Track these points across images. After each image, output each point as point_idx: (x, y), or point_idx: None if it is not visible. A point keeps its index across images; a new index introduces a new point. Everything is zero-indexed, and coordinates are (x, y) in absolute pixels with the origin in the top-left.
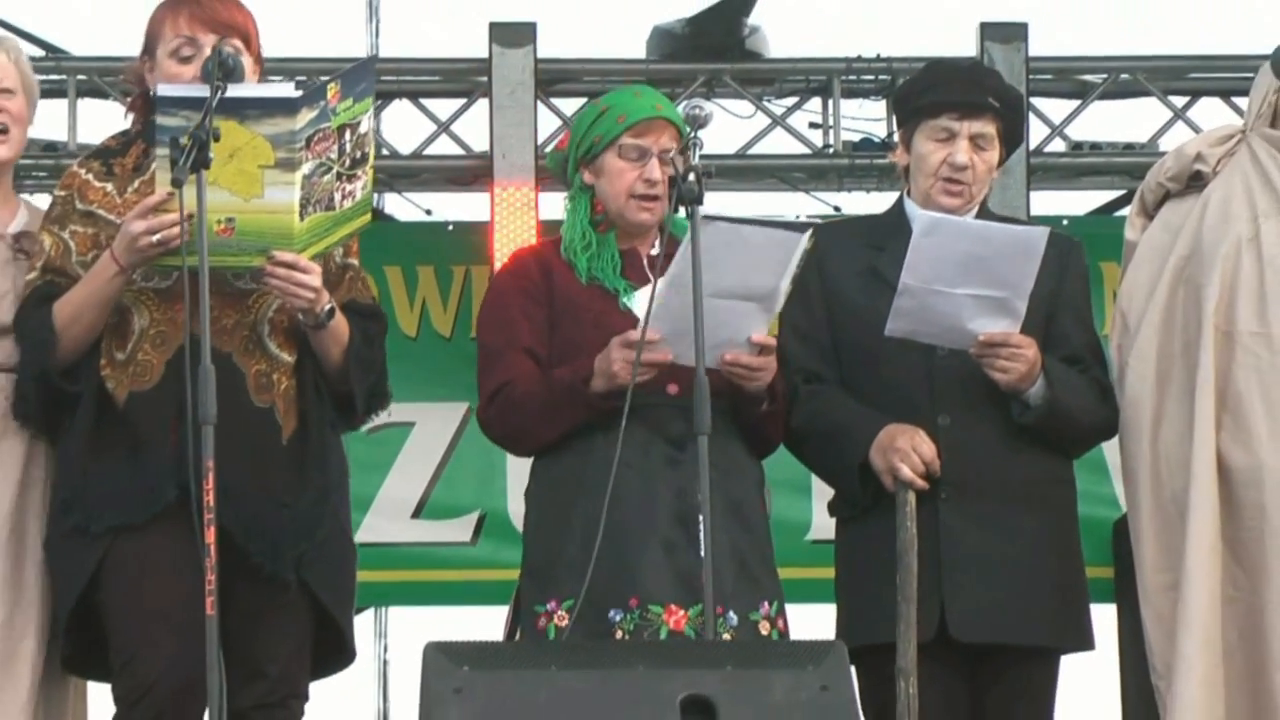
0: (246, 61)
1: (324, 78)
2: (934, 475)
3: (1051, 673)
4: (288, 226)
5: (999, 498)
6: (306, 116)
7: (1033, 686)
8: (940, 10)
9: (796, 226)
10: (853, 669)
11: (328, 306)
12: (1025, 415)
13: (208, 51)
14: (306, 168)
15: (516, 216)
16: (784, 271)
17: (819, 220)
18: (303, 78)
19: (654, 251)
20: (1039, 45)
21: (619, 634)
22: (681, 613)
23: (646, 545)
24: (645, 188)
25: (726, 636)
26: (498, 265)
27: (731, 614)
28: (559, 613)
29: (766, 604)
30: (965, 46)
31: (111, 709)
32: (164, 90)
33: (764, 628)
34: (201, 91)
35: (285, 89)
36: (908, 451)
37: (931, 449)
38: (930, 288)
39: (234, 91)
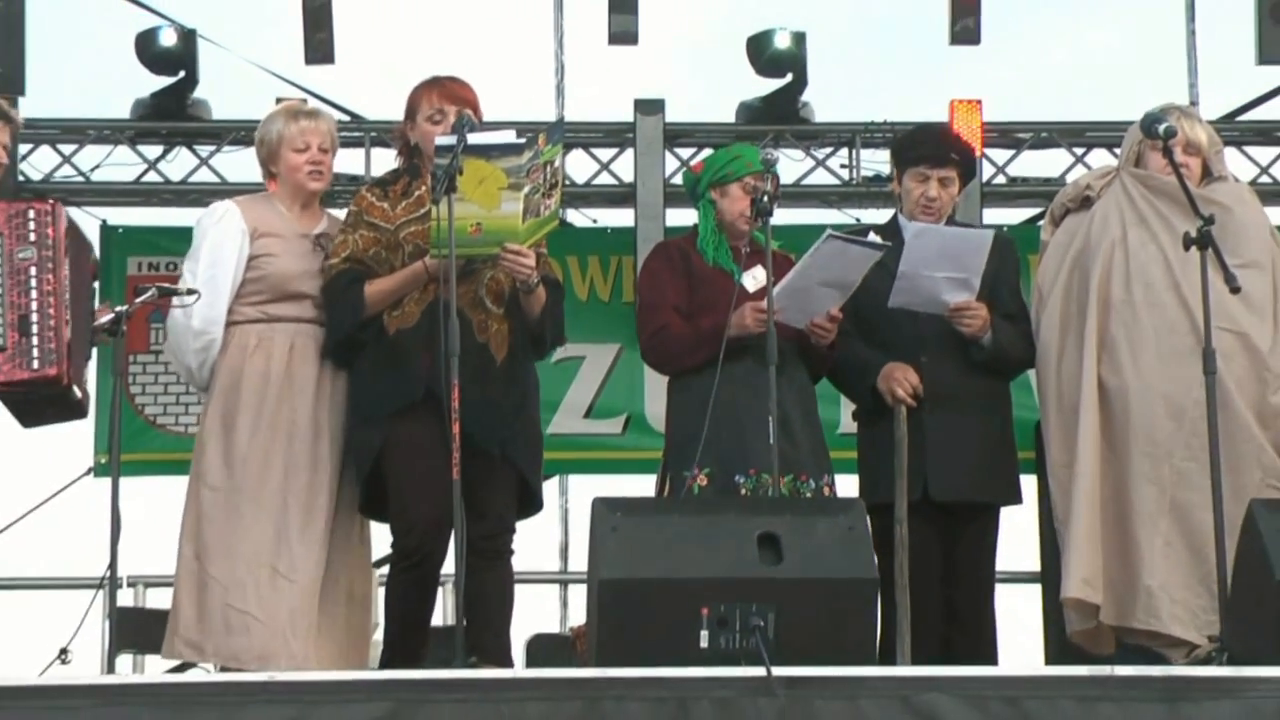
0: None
1: (532, 131)
2: (919, 395)
3: (996, 520)
4: (515, 228)
5: (960, 407)
6: (527, 155)
7: (983, 530)
8: (924, 92)
9: (875, 246)
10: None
11: (536, 279)
12: (980, 354)
13: (450, 117)
14: (527, 189)
15: (650, 225)
16: (861, 271)
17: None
18: (521, 132)
19: (745, 250)
20: (990, 114)
21: (743, 491)
22: (781, 479)
23: (758, 433)
24: (751, 210)
25: (809, 494)
26: (639, 256)
27: (811, 481)
28: (700, 477)
29: (827, 475)
30: (940, 114)
31: (388, 538)
32: (439, 140)
33: (825, 491)
34: (447, 141)
35: (510, 135)
36: (901, 379)
37: (916, 378)
38: (919, 272)
39: (483, 140)
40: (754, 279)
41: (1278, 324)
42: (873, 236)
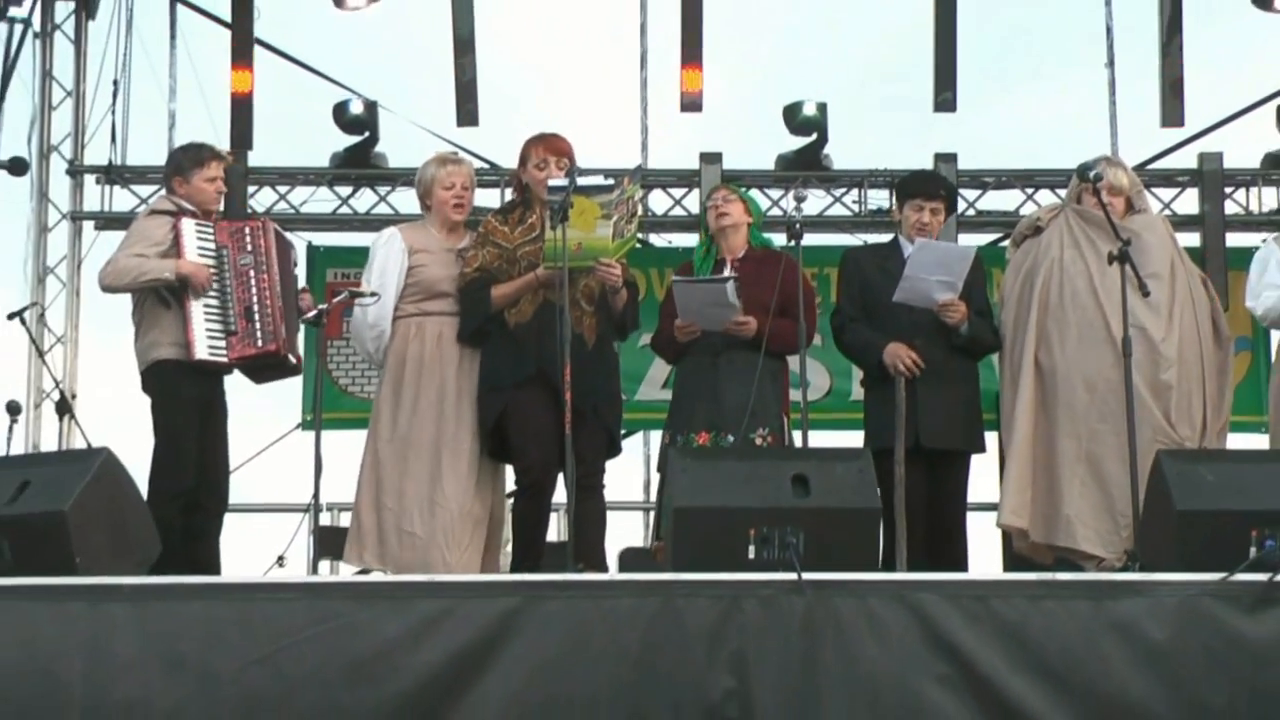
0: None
1: (618, 174)
2: (915, 368)
3: (968, 464)
4: (606, 246)
5: (943, 377)
6: (615, 192)
7: (959, 471)
8: (915, 147)
9: (719, 280)
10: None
11: (621, 283)
12: (958, 339)
13: (552, 165)
14: (615, 217)
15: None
16: (729, 296)
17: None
18: (609, 176)
19: (739, 256)
20: (964, 163)
21: (679, 444)
22: (706, 435)
23: (697, 401)
24: (715, 213)
25: (725, 445)
26: None
27: (731, 436)
28: (666, 436)
29: (762, 429)
30: (926, 163)
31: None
32: (551, 183)
33: (758, 441)
34: (559, 183)
35: (599, 178)
36: (903, 355)
37: (912, 355)
38: (919, 275)
39: (583, 181)
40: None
41: (1171, 320)
42: (727, 271)
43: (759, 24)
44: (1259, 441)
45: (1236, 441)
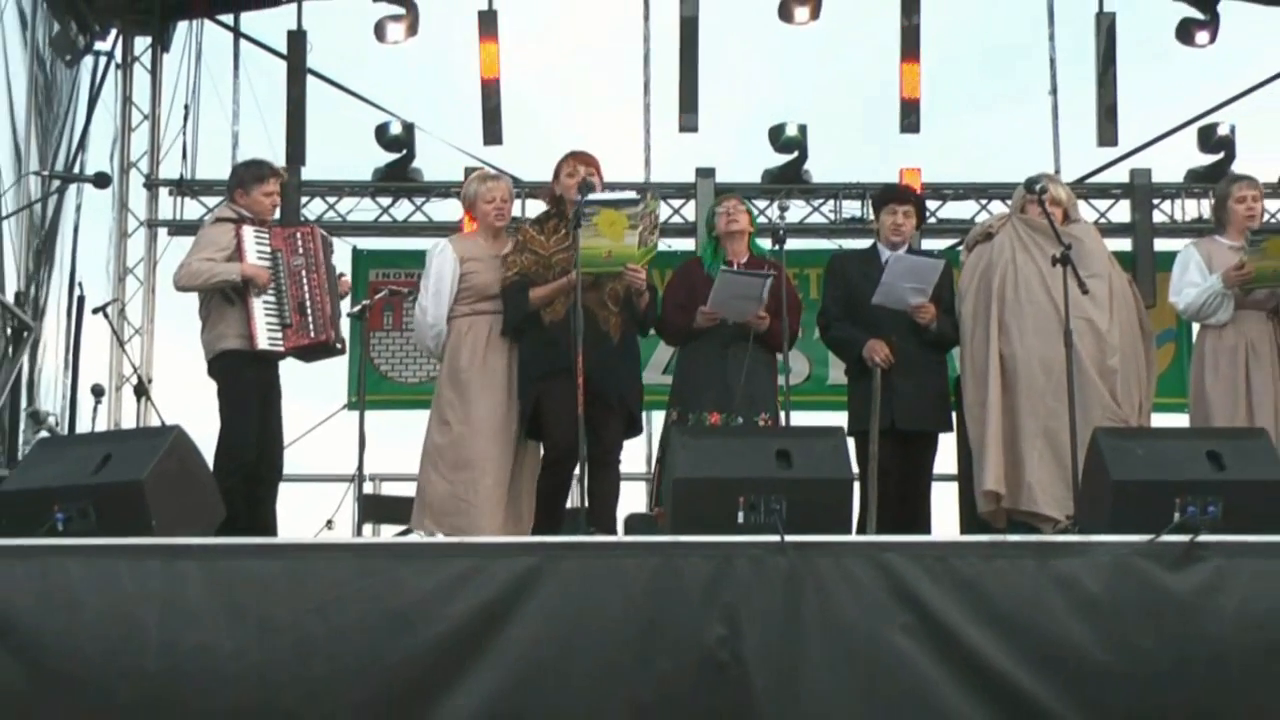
0: (598, 182)
1: (643, 189)
2: (890, 361)
3: (936, 442)
4: (633, 253)
5: (915, 368)
6: (640, 205)
7: (927, 448)
8: (884, 163)
9: (764, 276)
10: (852, 441)
11: (645, 287)
12: (928, 336)
13: (581, 172)
14: (640, 228)
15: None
16: (764, 292)
17: (835, 252)
18: (632, 190)
19: (743, 260)
20: (926, 177)
21: (689, 422)
22: (717, 415)
23: (708, 385)
24: (726, 220)
25: (734, 424)
26: None
27: (740, 417)
28: (674, 414)
29: (764, 413)
30: (894, 178)
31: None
32: (578, 199)
33: (760, 422)
34: (596, 197)
35: (631, 194)
36: (879, 349)
37: (888, 350)
38: (895, 283)
39: (614, 196)
40: None
41: (1113, 314)
42: (766, 270)
43: (748, 55)
44: (1182, 421)
45: (1162, 420)
